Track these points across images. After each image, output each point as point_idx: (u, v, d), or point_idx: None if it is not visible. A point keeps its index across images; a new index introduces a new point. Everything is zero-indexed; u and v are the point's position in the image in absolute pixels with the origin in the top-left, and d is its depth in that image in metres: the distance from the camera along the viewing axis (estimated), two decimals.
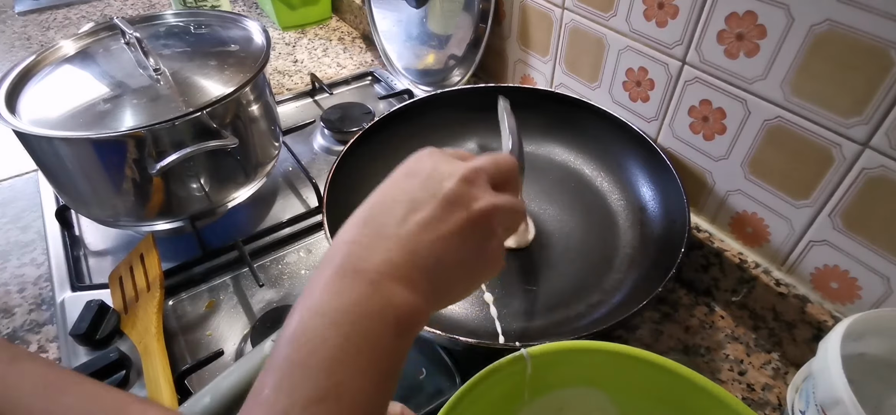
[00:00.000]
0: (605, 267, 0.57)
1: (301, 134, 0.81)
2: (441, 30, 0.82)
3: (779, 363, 0.52)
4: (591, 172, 0.67)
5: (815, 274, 0.50)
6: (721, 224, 0.58)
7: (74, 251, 0.64)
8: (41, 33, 1.13)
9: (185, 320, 0.56)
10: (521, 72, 0.78)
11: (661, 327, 0.55)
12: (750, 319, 0.55)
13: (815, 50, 0.43)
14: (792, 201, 0.50)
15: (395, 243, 0.27)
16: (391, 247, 0.27)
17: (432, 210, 0.28)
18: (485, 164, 0.32)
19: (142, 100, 0.54)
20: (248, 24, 0.66)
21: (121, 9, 1.24)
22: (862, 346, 0.39)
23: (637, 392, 0.38)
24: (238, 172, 0.61)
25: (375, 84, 0.96)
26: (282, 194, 0.72)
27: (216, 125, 0.55)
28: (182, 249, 0.61)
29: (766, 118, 0.49)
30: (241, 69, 0.58)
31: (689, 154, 0.58)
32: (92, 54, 0.61)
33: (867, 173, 0.43)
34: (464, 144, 0.71)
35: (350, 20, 1.15)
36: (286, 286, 0.60)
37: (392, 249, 0.27)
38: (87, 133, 0.50)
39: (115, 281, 0.57)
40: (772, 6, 0.45)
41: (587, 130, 0.67)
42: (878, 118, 0.41)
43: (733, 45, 0.49)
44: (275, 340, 0.26)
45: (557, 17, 0.67)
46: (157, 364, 0.48)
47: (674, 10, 0.52)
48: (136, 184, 0.54)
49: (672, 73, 0.56)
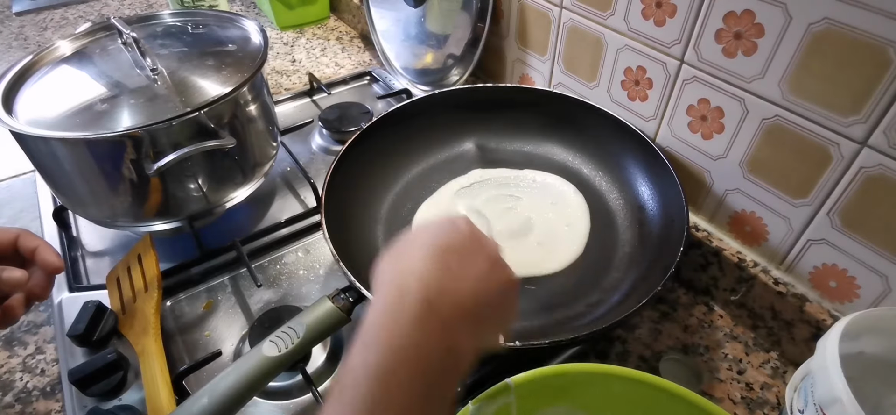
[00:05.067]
0: (604, 266, 0.57)
1: (299, 134, 0.81)
2: (439, 29, 0.82)
3: (777, 362, 0.52)
4: (590, 172, 0.66)
5: (814, 273, 0.50)
6: (720, 223, 0.58)
7: (72, 252, 0.63)
8: (38, 33, 1.13)
9: (183, 320, 0.56)
10: (520, 71, 0.78)
11: (660, 326, 0.55)
12: (749, 318, 0.55)
13: (813, 48, 0.43)
14: (790, 200, 0.50)
15: (463, 290, 0.30)
16: (460, 293, 0.30)
17: (484, 266, 0.32)
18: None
19: (139, 100, 0.54)
20: (245, 24, 0.66)
21: (118, 9, 1.24)
22: (860, 344, 0.39)
23: (619, 408, 0.39)
24: (236, 173, 0.61)
25: (374, 84, 0.95)
26: (280, 194, 0.72)
27: (214, 125, 0.55)
28: (180, 250, 0.61)
29: (765, 117, 0.49)
30: (238, 69, 0.58)
31: (688, 153, 0.58)
32: (89, 54, 0.60)
33: (865, 172, 0.43)
34: (462, 144, 0.71)
35: (348, 20, 1.15)
36: (284, 286, 0.59)
37: (460, 296, 0.30)
38: (84, 133, 0.49)
39: (112, 282, 0.56)
40: (770, 5, 0.45)
41: (585, 130, 0.67)
42: (876, 117, 0.41)
43: (731, 44, 0.49)
44: (344, 363, 0.29)
45: (556, 17, 0.67)
46: (155, 365, 0.48)
47: (672, 8, 0.52)
48: (134, 184, 0.53)
49: (670, 73, 0.56)
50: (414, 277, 0.29)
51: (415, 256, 0.31)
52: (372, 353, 0.27)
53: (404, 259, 0.31)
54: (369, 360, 0.26)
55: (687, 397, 0.37)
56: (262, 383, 0.42)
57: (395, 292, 0.29)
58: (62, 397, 0.50)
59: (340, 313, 0.45)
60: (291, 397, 0.49)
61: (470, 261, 0.31)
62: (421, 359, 0.27)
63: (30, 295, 0.44)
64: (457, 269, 0.30)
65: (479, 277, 0.31)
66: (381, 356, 0.26)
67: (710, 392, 0.50)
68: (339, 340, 0.54)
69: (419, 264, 0.30)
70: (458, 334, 0.29)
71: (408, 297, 0.28)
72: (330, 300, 0.45)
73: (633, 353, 0.53)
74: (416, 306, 0.28)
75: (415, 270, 0.30)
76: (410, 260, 0.31)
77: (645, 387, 0.38)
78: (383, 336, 0.27)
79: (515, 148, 0.71)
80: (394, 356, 0.26)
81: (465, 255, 0.31)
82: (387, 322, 0.28)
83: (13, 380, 0.51)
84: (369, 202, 0.63)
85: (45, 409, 0.49)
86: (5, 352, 0.54)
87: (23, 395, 0.50)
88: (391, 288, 0.30)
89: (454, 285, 0.30)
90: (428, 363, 0.27)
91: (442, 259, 0.30)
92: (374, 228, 0.62)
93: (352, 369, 0.27)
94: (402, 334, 0.27)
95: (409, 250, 0.32)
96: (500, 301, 0.32)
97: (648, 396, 0.38)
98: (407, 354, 0.27)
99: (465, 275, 0.30)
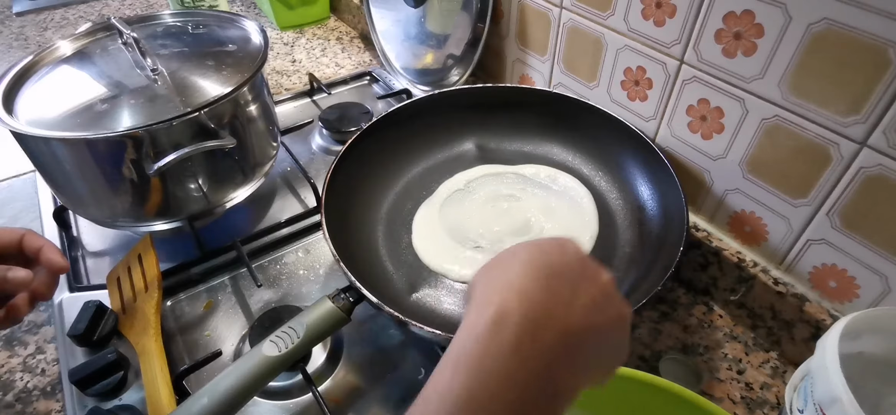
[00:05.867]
0: (604, 266, 0.57)
1: (299, 134, 0.81)
2: (439, 29, 0.82)
3: (777, 362, 0.52)
4: (590, 172, 0.67)
5: (814, 273, 0.50)
6: (719, 223, 0.58)
7: (72, 252, 0.64)
8: (38, 33, 1.13)
9: (183, 320, 0.56)
10: (520, 71, 0.78)
11: (660, 325, 0.55)
12: (748, 318, 0.55)
13: (813, 49, 0.43)
14: (790, 200, 0.50)
15: (572, 321, 0.26)
16: (568, 323, 0.26)
17: (597, 295, 0.28)
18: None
19: (139, 100, 0.54)
20: (245, 24, 0.66)
21: (118, 9, 1.24)
22: (860, 344, 0.39)
23: (619, 408, 0.39)
24: (236, 173, 0.61)
25: (374, 84, 0.95)
26: (280, 194, 0.72)
27: (214, 125, 0.55)
28: (180, 250, 0.61)
29: (764, 117, 0.49)
30: (238, 69, 0.58)
31: (688, 153, 0.58)
32: (89, 54, 0.61)
33: (865, 172, 0.43)
34: (462, 144, 0.71)
35: (348, 20, 1.15)
36: (284, 286, 0.59)
37: (568, 326, 0.26)
38: (84, 134, 0.50)
39: (112, 282, 0.56)
40: (769, 5, 0.45)
41: (585, 130, 0.67)
42: (875, 117, 0.41)
43: (731, 44, 0.49)
44: (433, 385, 0.25)
45: (555, 17, 0.67)
46: (156, 365, 0.48)
47: (671, 9, 0.52)
48: (134, 184, 0.54)
49: (670, 73, 0.56)
50: (516, 298, 0.26)
51: (518, 272, 0.27)
52: (460, 377, 0.24)
53: (506, 275, 0.27)
54: (455, 385, 0.24)
55: (687, 397, 0.37)
56: (262, 382, 0.42)
57: (492, 312, 0.25)
58: (62, 397, 0.50)
59: (340, 313, 0.45)
60: (291, 397, 0.49)
61: (581, 289, 0.27)
62: (516, 391, 0.24)
63: (34, 295, 0.44)
64: (566, 295, 0.27)
65: (590, 307, 0.27)
66: (472, 382, 0.24)
67: (709, 392, 0.50)
68: (339, 340, 0.54)
69: (523, 283, 0.26)
70: (561, 370, 0.25)
71: (508, 319, 0.25)
72: (330, 300, 0.45)
73: (633, 353, 0.53)
74: (516, 330, 0.25)
75: (518, 288, 0.26)
76: (513, 277, 0.27)
77: (645, 387, 0.38)
78: (475, 361, 0.24)
79: (515, 148, 0.71)
80: (485, 386, 0.23)
81: (576, 281, 0.28)
82: (480, 345, 0.25)
83: (13, 380, 0.51)
84: (369, 202, 0.64)
85: (45, 409, 0.49)
86: (6, 352, 0.54)
87: (23, 395, 0.50)
88: (488, 307, 0.26)
89: (562, 313, 0.26)
90: (523, 398, 0.24)
91: (549, 282, 0.27)
92: (375, 228, 0.62)
93: (435, 393, 0.24)
94: (497, 361, 0.24)
95: (512, 265, 0.28)
96: (610, 338, 0.28)
97: (648, 396, 0.38)
98: (500, 384, 0.24)
99: (575, 303, 0.27)
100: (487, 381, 0.24)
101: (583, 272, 0.28)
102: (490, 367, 0.24)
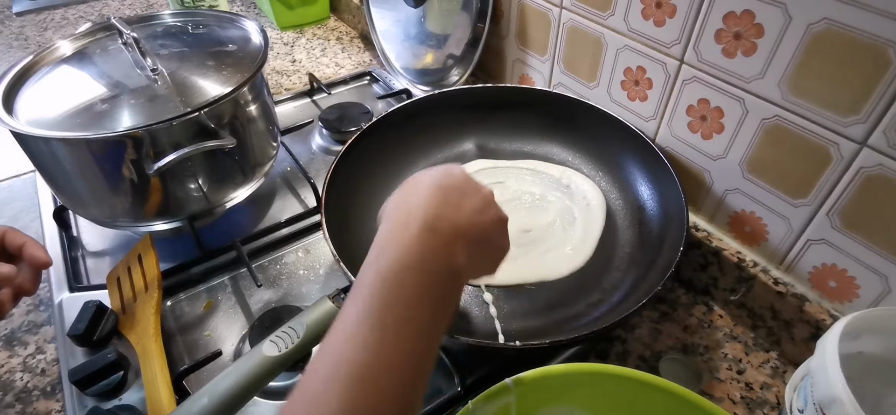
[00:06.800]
0: (604, 266, 0.57)
1: (299, 134, 0.81)
2: (439, 29, 0.82)
3: (777, 362, 0.52)
4: (589, 172, 0.67)
5: (814, 273, 0.50)
6: (719, 223, 0.58)
7: (72, 252, 0.63)
8: (38, 33, 1.13)
9: (183, 320, 0.56)
10: (520, 71, 0.78)
11: (660, 325, 0.55)
12: (748, 318, 0.55)
13: (813, 49, 0.43)
14: (790, 200, 0.50)
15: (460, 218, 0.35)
16: (458, 220, 0.35)
17: (478, 203, 0.37)
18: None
19: (139, 100, 0.54)
20: (245, 24, 0.66)
21: (118, 9, 1.24)
22: (860, 344, 0.39)
23: (619, 408, 0.40)
24: (236, 173, 0.61)
25: (374, 84, 0.95)
26: (280, 194, 0.72)
27: (214, 125, 0.55)
28: (180, 250, 0.61)
29: (764, 117, 0.49)
30: (238, 69, 0.58)
31: (688, 153, 0.58)
32: (89, 54, 0.61)
33: (865, 172, 0.43)
34: (462, 144, 0.71)
35: (348, 20, 1.15)
36: (284, 286, 0.59)
37: (458, 222, 0.35)
38: (84, 134, 0.50)
39: (112, 282, 0.56)
40: (769, 5, 0.45)
41: (585, 130, 0.67)
42: (875, 117, 0.41)
43: (731, 44, 0.49)
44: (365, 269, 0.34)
45: (555, 17, 0.67)
46: (156, 365, 0.48)
47: (671, 9, 0.52)
48: (134, 184, 0.54)
49: (670, 73, 0.56)
50: (418, 206, 0.34)
51: (418, 191, 0.36)
52: (382, 262, 0.32)
53: (409, 194, 0.36)
54: (380, 267, 0.31)
55: (687, 397, 0.37)
56: (263, 382, 0.42)
57: (401, 217, 0.34)
58: (62, 397, 0.50)
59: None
60: None
61: (467, 198, 0.36)
62: (424, 267, 0.32)
63: (18, 290, 0.45)
64: (455, 201, 0.35)
65: (475, 210, 0.36)
66: (391, 263, 0.31)
67: (709, 392, 0.50)
68: None
69: (423, 196, 0.35)
70: (456, 256, 0.33)
71: (412, 220, 0.33)
72: (330, 300, 0.45)
73: (633, 353, 0.53)
74: (419, 226, 0.33)
75: (419, 200, 0.35)
76: (414, 194, 0.36)
77: (645, 387, 0.38)
78: (391, 250, 0.32)
79: (515, 148, 0.71)
80: (401, 264, 0.31)
81: (463, 193, 0.36)
82: (394, 239, 0.33)
83: (13, 380, 0.51)
84: (369, 202, 0.63)
85: (45, 409, 0.49)
86: (6, 352, 0.54)
87: (23, 395, 0.50)
88: (398, 214, 0.35)
89: (453, 214, 0.35)
90: (430, 272, 0.32)
91: (442, 193, 0.35)
92: (375, 229, 0.62)
93: (364, 276, 0.32)
94: (408, 247, 0.32)
95: (413, 188, 0.37)
96: (492, 233, 0.37)
97: (648, 396, 0.38)
98: (412, 262, 0.32)
99: (463, 207, 0.36)
100: (403, 257, 0.32)
101: (469, 187, 0.38)
102: (404, 253, 0.32)
